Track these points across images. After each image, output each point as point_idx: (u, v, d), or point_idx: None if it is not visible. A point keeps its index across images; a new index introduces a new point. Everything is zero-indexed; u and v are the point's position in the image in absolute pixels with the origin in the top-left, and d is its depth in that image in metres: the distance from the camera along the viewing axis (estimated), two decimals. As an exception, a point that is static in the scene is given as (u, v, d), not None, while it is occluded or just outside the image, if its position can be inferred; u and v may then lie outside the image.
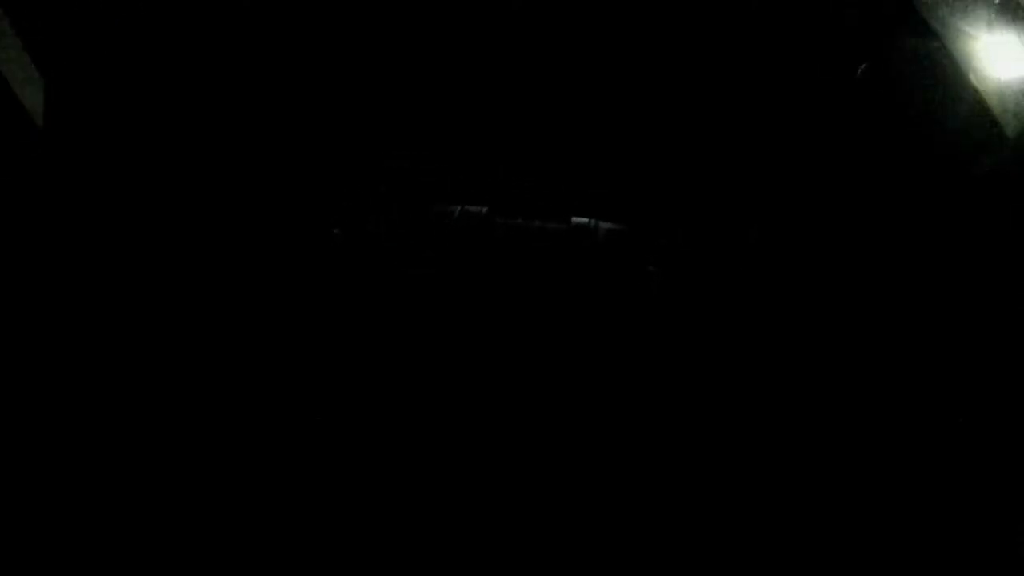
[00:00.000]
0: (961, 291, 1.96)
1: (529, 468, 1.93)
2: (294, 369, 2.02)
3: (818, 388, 1.98)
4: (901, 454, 1.91)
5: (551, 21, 2.16)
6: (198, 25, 2.10)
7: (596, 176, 2.20)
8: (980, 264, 1.96)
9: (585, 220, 2.12)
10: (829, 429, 1.95)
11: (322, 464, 1.94)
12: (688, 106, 2.16)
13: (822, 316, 2.03)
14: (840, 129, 2.10)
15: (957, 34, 1.98)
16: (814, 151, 2.12)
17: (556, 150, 2.21)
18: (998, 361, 1.91)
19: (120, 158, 2.09)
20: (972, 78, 1.97)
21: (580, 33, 2.16)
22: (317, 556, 1.84)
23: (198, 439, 1.95)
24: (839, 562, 1.85)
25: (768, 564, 1.87)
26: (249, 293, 2.06)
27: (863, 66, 2.07)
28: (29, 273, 1.99)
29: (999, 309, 1.93)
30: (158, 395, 1.97)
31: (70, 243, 2.04)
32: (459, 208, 2.14)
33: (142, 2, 2.06)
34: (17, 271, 1.97)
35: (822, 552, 1.86)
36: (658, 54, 2.16)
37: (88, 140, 2.09)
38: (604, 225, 2.11)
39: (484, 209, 2.14)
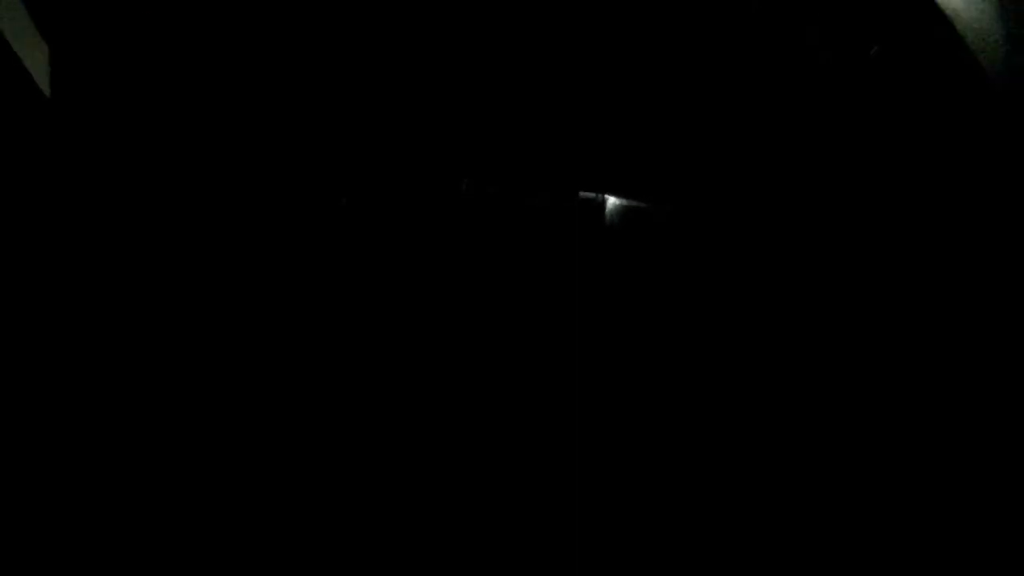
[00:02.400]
0: (960, 285, 1.99)
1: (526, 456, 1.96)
2: (302, 340, 2.03)
3: (816, 383, 2.00)
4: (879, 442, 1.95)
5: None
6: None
7: (603, 151, 2.18)
8: (982, 259, 1.98)
9: (592, 195, 2.11)
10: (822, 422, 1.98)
11: (325, 437, 1.97)
12: (697, 89, 2.14)
13: (830, 307, 2.04)
14: (850, 113, 2.09)
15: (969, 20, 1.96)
16: (822, 136, 2.11)
17: (564, 124, 2.19)
18: (992, 360, 1.95)
19: (127, 126, 2.07)
20: (982, 64, 1.96)
21: (584, 14, 2.13)
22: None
23: (206, 410, 1.98)
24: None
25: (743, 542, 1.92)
26: (257, 266, 2.06)
27: (875, 49, 2.05)
28: (35, 238, 1.99)
29: (997, 304, 1.96)
30: (166, 366, 1.99)
31: (78, 207, 2.03)
32: (466, 181, 2.13)
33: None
34: (24, 236, 1.97)
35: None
36: (662, 36, 2.12)
37: (95, 105, 2.06)
38: (612, 200, 2.09)
39: (492, 183, 2.12)
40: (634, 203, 2.08)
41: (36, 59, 1.94)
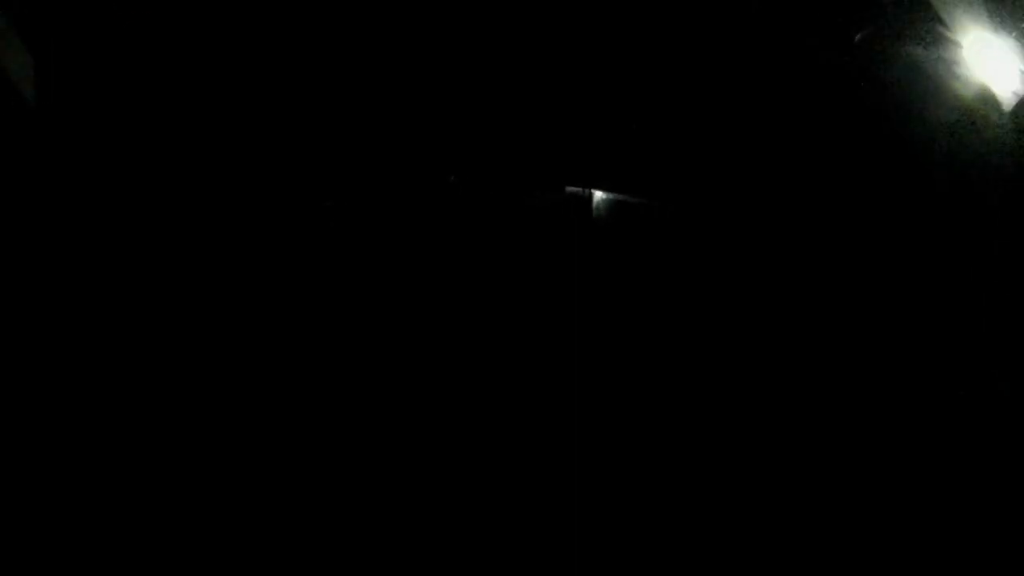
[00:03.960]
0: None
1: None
2: (290, 345, 2.01)
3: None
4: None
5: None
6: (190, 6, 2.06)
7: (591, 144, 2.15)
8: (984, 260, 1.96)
9: (579, 189, 2.08)
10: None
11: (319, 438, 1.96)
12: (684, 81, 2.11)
13: (826, 305, 2.02)
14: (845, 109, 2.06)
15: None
16: (816, 131, 2.08)
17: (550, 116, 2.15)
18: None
19: (109, 133, 2.07)
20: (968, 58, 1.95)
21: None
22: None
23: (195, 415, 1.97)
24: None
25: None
26: (242, 273, 2.05)
27: (859, 36, 2.02)
28: (28, 255, 2.00)
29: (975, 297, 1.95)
30: (147, 370, 1.98)
31: (69, 215, 2.04)
32: (452, 177, 2.11)
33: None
34: (16, 255, 1.98)
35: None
36: (649, 30, 2.10)
37: (77, 113, 2.07)
38: (599, 194, 2.07)
39: (479, 178, 2.10)
40: (621, 197, 2.06)
41: (20, 67, 1.95)
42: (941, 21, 1.94)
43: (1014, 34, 1.94)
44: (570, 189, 2.06)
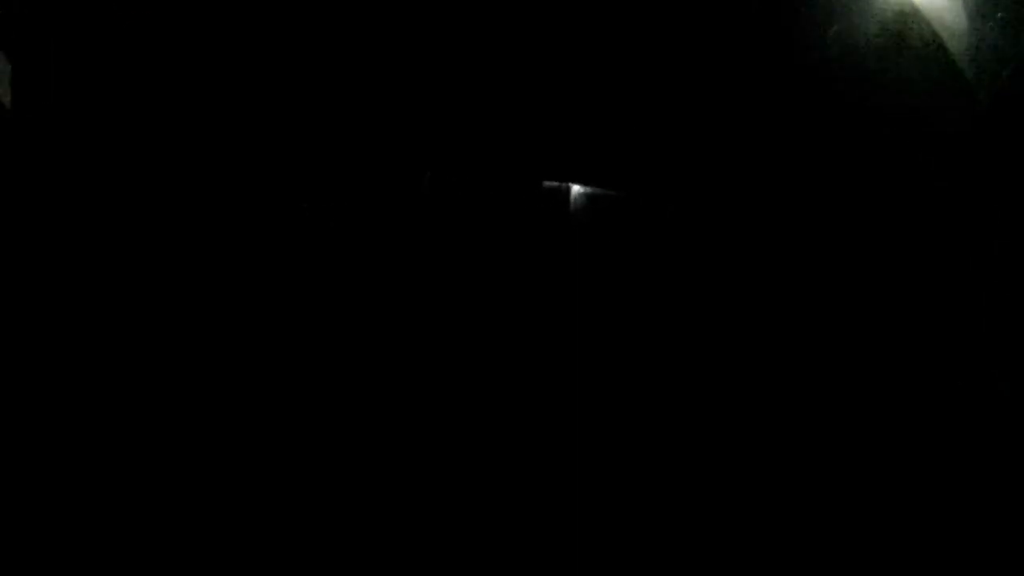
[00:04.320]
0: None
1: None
2: (270, 348, 1.98)
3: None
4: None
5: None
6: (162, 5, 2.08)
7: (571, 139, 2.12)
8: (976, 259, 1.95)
9: (557, 184, 2.05)
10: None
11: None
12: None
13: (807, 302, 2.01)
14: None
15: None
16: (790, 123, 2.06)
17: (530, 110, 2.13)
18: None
19: (91, 142, 2.09)
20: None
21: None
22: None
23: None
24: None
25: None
26: (222, 273, 2.03)
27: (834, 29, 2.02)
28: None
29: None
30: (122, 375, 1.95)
31: (41, 224, 2.03)
32: (428, 175, 2.10)
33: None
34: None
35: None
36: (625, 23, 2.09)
37: (56, 123, 2.08)
38: (576, 188, 2.04)
39: (455, 176, 2.09)
40: (599, 191, 2.04)
41: None
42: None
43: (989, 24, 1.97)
44: (548, 183, 2.05)
